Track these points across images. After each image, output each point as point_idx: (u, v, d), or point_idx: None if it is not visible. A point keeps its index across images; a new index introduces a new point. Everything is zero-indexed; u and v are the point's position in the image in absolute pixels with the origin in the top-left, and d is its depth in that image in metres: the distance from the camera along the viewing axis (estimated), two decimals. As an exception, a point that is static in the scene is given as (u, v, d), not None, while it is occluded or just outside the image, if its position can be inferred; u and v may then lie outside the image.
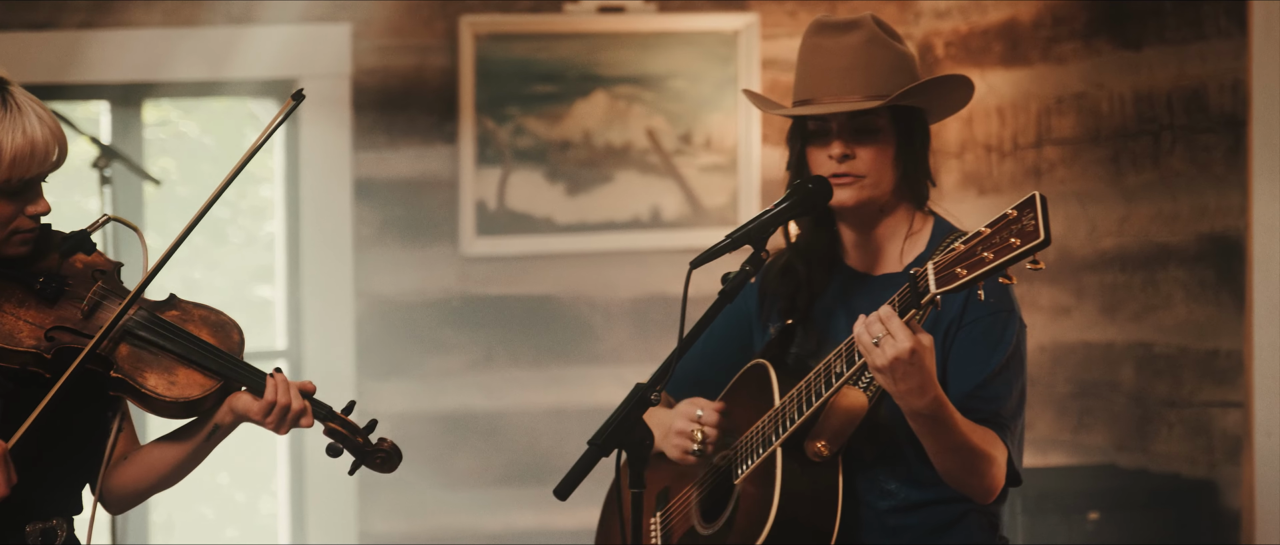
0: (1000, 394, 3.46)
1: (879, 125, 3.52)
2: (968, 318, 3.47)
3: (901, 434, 3.46)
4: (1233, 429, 5.76)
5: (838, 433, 3.47)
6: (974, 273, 3.13)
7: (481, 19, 6.74)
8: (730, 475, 3.60)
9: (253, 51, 6.63)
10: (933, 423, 3.32)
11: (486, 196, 6.81)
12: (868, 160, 3.52)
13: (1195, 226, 5.88)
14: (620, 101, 6.88)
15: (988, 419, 3.43)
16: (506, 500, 6.86)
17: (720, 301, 3.43)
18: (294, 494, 6.81)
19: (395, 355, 6.81)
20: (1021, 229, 3.09)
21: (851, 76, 3.49)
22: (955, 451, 3.37)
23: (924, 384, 3.27)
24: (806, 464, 3.48)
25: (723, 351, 3.75)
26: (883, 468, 3.53)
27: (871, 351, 3.25)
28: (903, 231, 3.59)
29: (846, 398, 3.44)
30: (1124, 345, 6.18)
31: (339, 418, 3.59)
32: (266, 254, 7.11)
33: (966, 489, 3.44)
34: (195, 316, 3.61)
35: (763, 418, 3.52)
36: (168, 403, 3.51)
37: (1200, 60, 5.81)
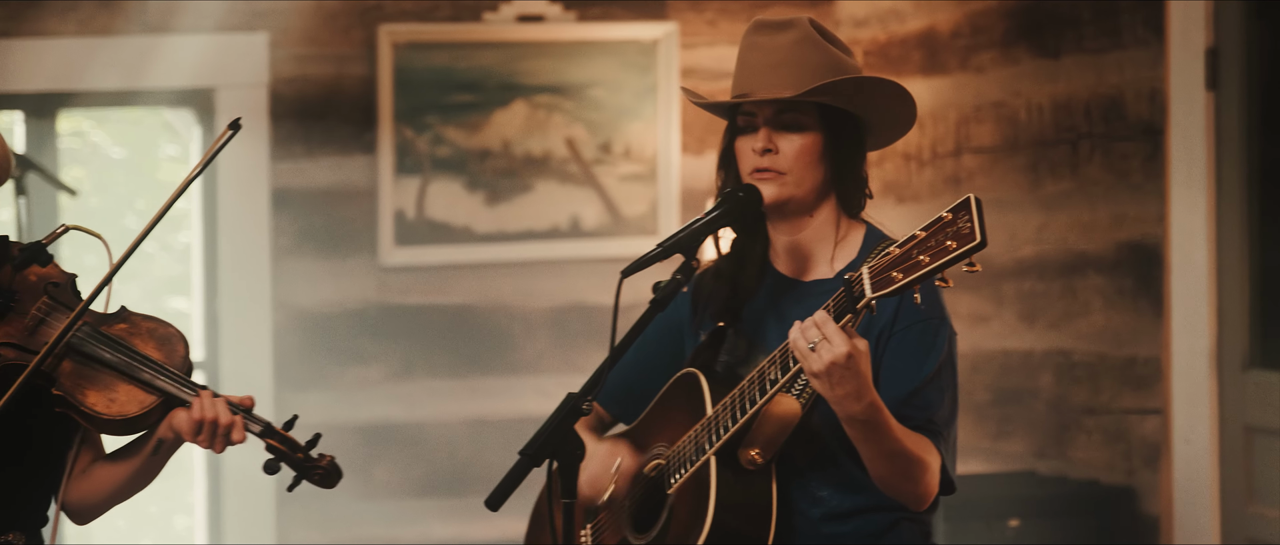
0: (933, 401, 3.46)
1: (805, 121, 3.52)
2: (899, 325, 3.47)
3: (834, 440, 3.45)
4: (1151, 435, 5.80)
5: (771, 440, 3.45)
6: (910, 277, 3.12)
7: (400, 28, 6.71)
8: (662, 485, 3.58)
9: (169, 61, 6.57)
10: (868, 428, 3.31)
11: (405, 206, 6.78)
12: (790, 155, 3.51)
13: (1113, 234, 5.91)
14: (540, 111, 6.86)
15: (921, 426, 3.43)
16: (426, 511, 6.83)
17: (651, 310, 3.42)
18: (211, 506, 6.76)
19: (313, 366, 6.76)
20: (957, 231, 3.08)
21: (780, 72, 3.50)
22: (891, 458, 3.37)
23: (860, 389, 3.26)
24: (740, 472, 3.47)
25: (655, 360, 3.73)
26: (815, 474, 3.52)
27: (807, 357, 3.24)
28: (832, 237, 3.58)
29: (779, 405, 3.43)
30: (1043, 353, 6.20)
31: (278, 434, 3.57)
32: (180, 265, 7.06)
33: (901, 496, 3.44)
34: (143, 329, 3.56)
35: (695, 426, 3.51)
36: (106, 420, 3.48)
37: (1118, 69, 5.84)
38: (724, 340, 3.63)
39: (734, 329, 3.63)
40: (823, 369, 3.22)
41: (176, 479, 7.13)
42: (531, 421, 6.74)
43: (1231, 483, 5.58)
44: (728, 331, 3.63)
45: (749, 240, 3.64)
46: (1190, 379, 5.63)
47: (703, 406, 3.51)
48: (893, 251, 3.14)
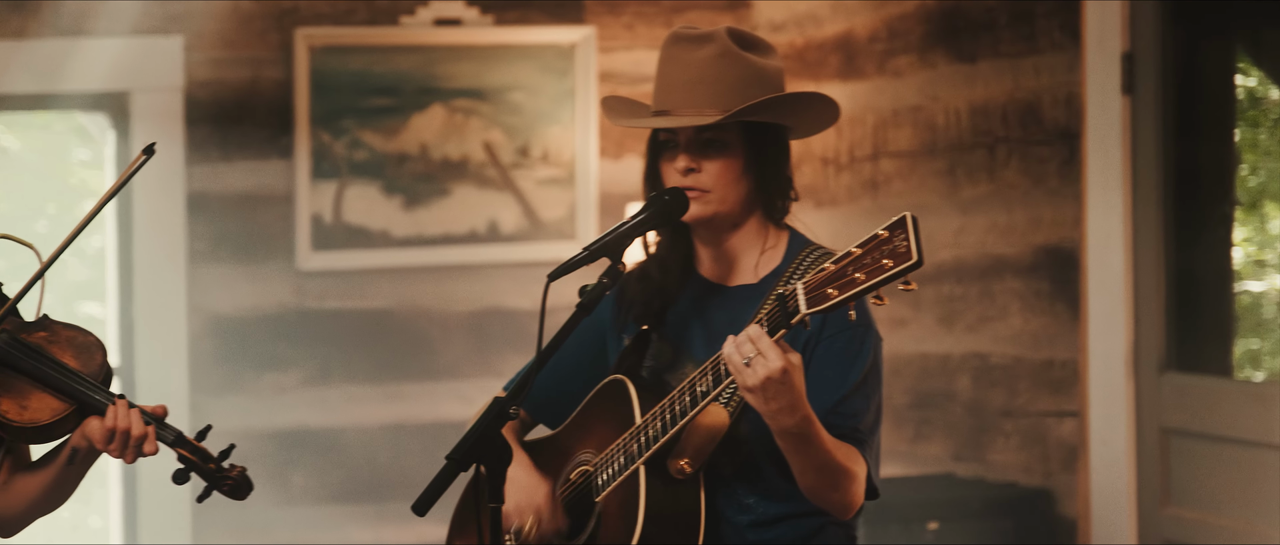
0: (859, 409, 3.46)
1: (726, 140, 3.51)
2: (826, 333, 3.47)
3: (760, 449, 3.45)
4: (1068, 438, 5.83)
5: (700, 450, 3.45)
6: (845, 293, 3.12)
7: (316, 31, 6.67)
8: (590, 492, 3.57)
9: (83, 64, 6.51)
10: (800, 441, 3.32)
11: (322, 210, 6.74)
12: (713, 174, 3.51)
13: (1030, 238, 5.94)
14: (457, 115, 6.84)
15: (846, 434, 3.43)
16: (344, 517, 6.80)
17: (578, 314, 3.41)
18: (126, 510, 6.70)
19: (230, 372, 6.72)
20: (893, 250, 3.08)
21: (698, 90, 3.48)
22: (820, 469, 3.37)
23: (794, 403, 3.26)
24: (669, 481, 3.46)
25: (576, 364, 3.72)
26: (742, 483, 3.52)
27: (742, 372, 3.24)
28: (758, 245, 3.58)
29: (708, 415, 3.43)
30: (960, 356, 6.23)
31: (190, 444, 3.55)
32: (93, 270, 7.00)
33: (828, 505, 3.44)
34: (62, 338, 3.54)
35: (623, 435, 3.50)
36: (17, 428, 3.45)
37: (1034, 73, 5.88)
38: (648, 345, 3.63)
39: (658, 333, 3.62)
40: (758, 384, 3.22)
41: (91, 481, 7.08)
42: (450, 426, 6.77)
43: (1148, 484, 5.62)
44: (652, 335, 3.63)
45: (673, 243, 3.64)
46: (1107, 382, 5.67)
47: (631, 414, 3.50)
48: (828, 267, 3.15)
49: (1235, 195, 5.68)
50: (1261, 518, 5.30)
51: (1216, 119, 5.69)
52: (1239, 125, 5.70)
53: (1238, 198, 5.68)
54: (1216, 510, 5.46)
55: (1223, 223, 5.65)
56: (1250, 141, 5.72)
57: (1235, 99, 5.69)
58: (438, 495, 3.29)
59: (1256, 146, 5.71)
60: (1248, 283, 5.73)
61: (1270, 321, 5.68)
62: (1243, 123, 5.71)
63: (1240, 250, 5.71)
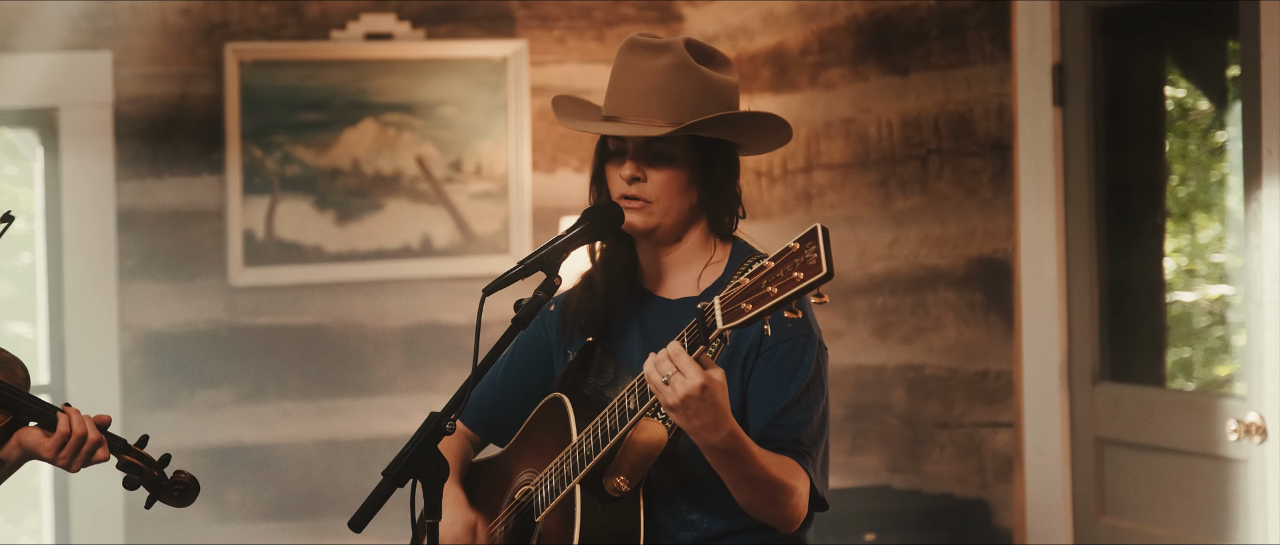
0: (800, 421, 3.44)
1: (674, 152, 3.49)
2: (766, 345, 3.45)
3: (701, 464, 3.43)
4: (1003, 449, 5.85)
5: (637, 467, 3.43)
6: (759, 308, 3.11)
7: (246, 46, 6.64)
8: (532, 512, 3.56)
9: (11, 80, 6.46)
10: (729, 456, 3.30)
11: (254, 226, 6.71)
12: (658, 185, 3.49)
13: (963, 249, 5.96)
14: (390, 129, 6.82)
15: (788, 447, 3.42)
16: (278, 533, 6.76)
17: (514, 328, 3.40)
18: (59, 529, 6.65)
19: (162, 388, 6.68)
20: (804, 262, 3.07)
21: (650, 100, 3.46)
22: (753, 483, 3.35)
23: (717, 419, 3.24)
24: (607, 500, 3.44)
25: (522, 381, 3.70)
26: (684, 499, 3.50)
27: (661, 390, 3.22)
28: (702, 258, 3.56)
29: (645, 431, 3.41)
30: (895, 367, 6.24)
31: (134, 450, 3.55)
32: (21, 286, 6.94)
33: (768, 519, 3.42)
34: None
35: (561, 453, 3.49)
36: None
37: (965, 85, 5.89)
38: (592, 360, 3.61)
39: (602, 347, 3.60)
40: (678, 402, 3.21)
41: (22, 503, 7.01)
42: (385, 442, 6.74)
43: (1083, 494, 5.64)
44: (596, 349, 3.61)
45: (617, 253, 3.62)
46: (1041, 392, 5.68)
47: (568, 432, 3.49)
48: (743, 282, 3.13)
49: (1166, 206, 5.71)
50: (1196, 526, 5.32)
51: (1146, 130, 5.72)
52: (1169, 136, 5.73)
53: (1169, 208, 5.71)
54: (1151, 519, 5.48)
55: (1154, 233, 5.68)
56: (1180, 152, 5.75)
57: (1165, 110, 5.72)
58: (374, 511, 3.27)
59: (1186, 157, 5.74)
60: (1179, 293, 5.76)
61: (1202, 331, 5.72)
62: (1172, 133, 5.74)
63: (1171, 261, 5.74)
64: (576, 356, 3.61)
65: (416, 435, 3.29)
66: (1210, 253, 5.72)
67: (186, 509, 6.54)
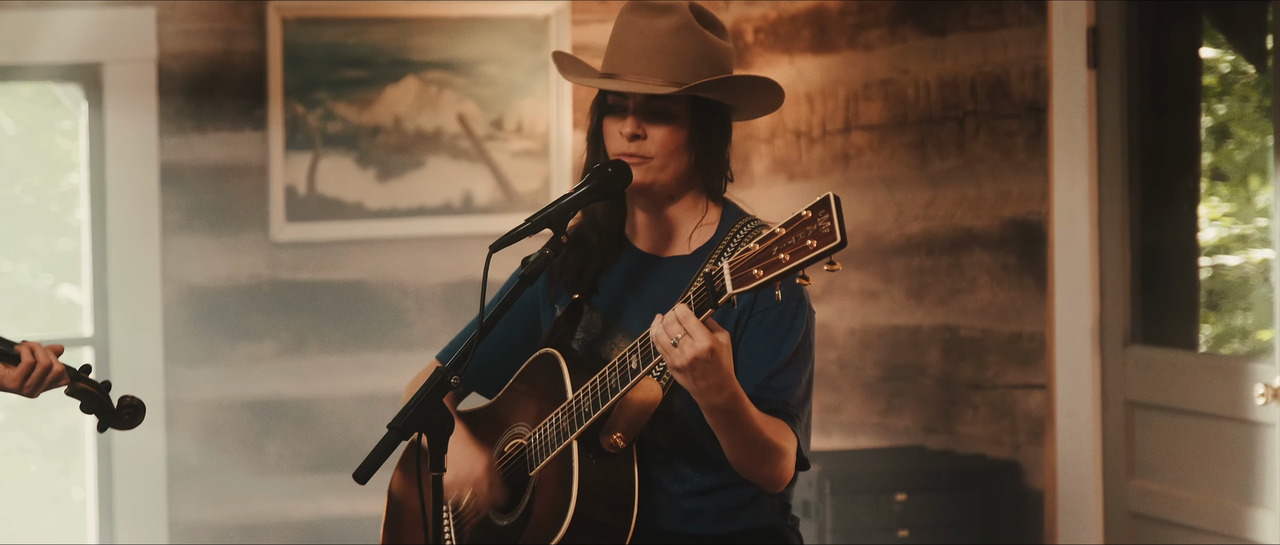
0: (789, 384, 3.49)
1: (674, 111, 3.53)
2: (758, 308, 3.49)
3: (694, 422, 3.47)
4: (1035, 410, 5.85)
5: (633, 424, 3.48)
6: (770, 274, 3.15)
7: (289, 3, 6.69)
8: (524, 466, 3.60)
9: (55, 35, 6.52)
10: (729, 417, 3.34)
11: (296, 182, 6.76)
12: (658, 142, 3.53)
13: (998, 211, 5.96)
14: (431, 87, 6.85)
15: (777, 409, 3.46)
16: (318, 487, 6.82)
17: (520, 285, 3.44)
18: (102, 483, 6.73)
19: (205, 343, 6.74)
20: (817, 230, 3.10)
21: (654, 59, 3.51)
22: (749, 445, 3.40)
23: (722, 381, 3.28)
24: (602, 456, 3.49)
25: (509, 333, 3.74)
26: (678, 455, 3.55)
27: (670, 352, 3.26)
28: (693, 219, 3.60)
29: (640, 390, 3.45)
30: (930, 328, 6.25)
31: (86, 378, 3.80)
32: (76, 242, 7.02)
33: (757, 479, 3.47)
34: None
35: (556, 410, 3.53)
36: None
37: (1002, 47, 5.89)
38: (580, 315, 3.65)
39: (589, 303, 3.65)
40: (686, 364, 3.25)
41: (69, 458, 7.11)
42: (422, 397, 6.77)
43: (1113, 457, 5.64)
44: (583, 305, 3.65)
45: (607, 211, 3.66)
46: (1073, 354, 5.69)
47: (563, 389, 3.53)
48: (753, 247, 3.17)
49: (1200, 169, 5.69)
50: (1224, 489, 5.32)
51: (1182, 94, 5.70)
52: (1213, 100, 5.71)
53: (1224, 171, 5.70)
54: (1181, 482, 5.48)
55: (1187, 197, 5.67)
56: (1237, 113, 5.73)
57: (1201, 73, 5.70)
58: (379, 464, 3.32)
59: (1243, 119, 5.72)
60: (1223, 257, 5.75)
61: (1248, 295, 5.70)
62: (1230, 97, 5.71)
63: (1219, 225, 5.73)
64: (564, 311, 3.65)
65: (422, 389, 3.34)
66: (1258, 218, 5.70)
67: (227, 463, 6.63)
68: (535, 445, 3.57)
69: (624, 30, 3.56)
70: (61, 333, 6.84)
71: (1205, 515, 5.39)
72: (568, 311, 3.65)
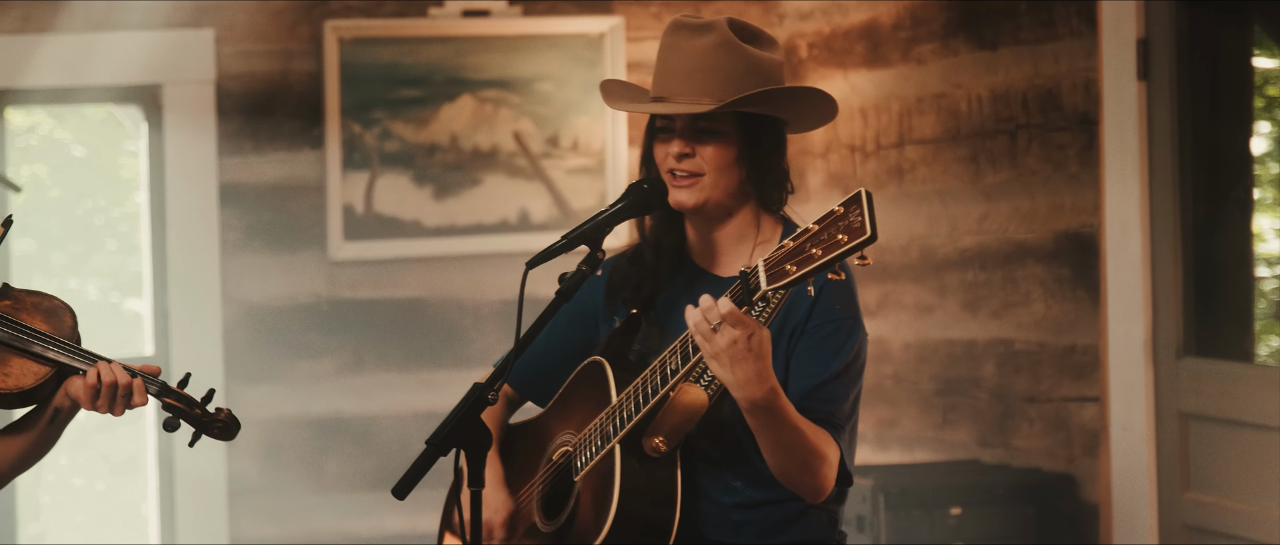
0: (837, 396, 3.50)
1: (721, 129, 3.55)
2: (813, 322, 3.51)
3: (746, 432, 3.48)
4: (1090, 423, 5.84)
5: (676, 429, 3.49)
6: (803, 269, 3.16)
7: (346, 23, 6.74)
8: (570, 472, 3.63)
9: (115, 57, 6.59)
10: (768, 415, 3.35)
11: (354, 200, 6.81)
12: (706, 160, 3.55)
13: (1051, 224, 5.95)
14: (487, 105, 6.89)
15: (823, 419, 3.47)
16: (377, 504, 6.86)
17: (557, 301, 3.47)
18: (164, 499, 6.79)
19: (264, 360, 6.79)
20: (848, 225, 3.12)
21: (696, 78, 3.52)
22: (789, 448, 3.40)
23: (761, 372, 3.29)
24: (645, 460, 3.51)
25: (565, 343, 3.78)
26: (728, 467, 3.56)
27: (709, 337, 3.27)
28: (752, 235, 3.62)
29: (686, 394, 3.47)
30: (985, 342, 6.24)
31: (174, 392, 3.68)
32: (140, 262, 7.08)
33: (797, 487, 3.48)
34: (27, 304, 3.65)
35: (600, 414, 3.55)
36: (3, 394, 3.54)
37: (1053, 60, 5.88)
38: (638, 328, 3.68)
39: (647, 318, 3.67)
40: (722, 348, 3.26)
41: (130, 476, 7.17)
42: (479, 414, 6.80)
43: (1168, 469, 5.62)
44: (641, 320, 3.67)
45: (666, 230, 3.68)
46: (1126, 367, 5.67)
47: (608, 394, 3.55)
48: (787, 244, 3.19)
49: (1253, 178, 5.67)
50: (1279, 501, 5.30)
51: (1234, 103, 5.68)
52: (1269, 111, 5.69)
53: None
54: (1235, 494, 5.46)
55: (1240, 207, 5.65)
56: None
57: (1253, 83, 5.68)
58: (417, 479, 3.36)
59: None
60: None
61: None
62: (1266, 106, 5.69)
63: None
64: (621, 324, 3.67)
65: (460, 405, 3.37)
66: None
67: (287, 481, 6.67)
68: (580, 452, 3.60)
69: (667, 52, 3.59)
70: (128, 350, 6.90)
71: (1260, 527, 5.36)
72: (625, 325, 3.67)
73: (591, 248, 3.50)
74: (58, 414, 3.59)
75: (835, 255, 3.12)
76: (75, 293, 7.13)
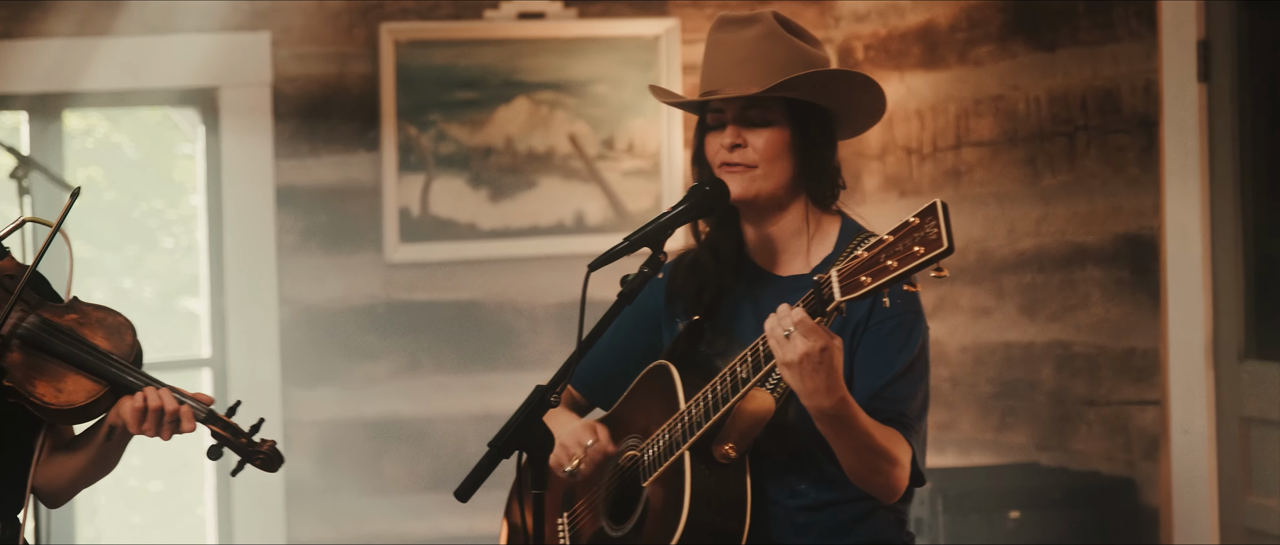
0: (905, 395, 3.48)
1: (772, 117, 3.54)
2: (874, 319, 3.49)
3: (810, 436, 3.47)
4: (1150, 427, 5.80)
5: (745, 435, 3.48)
6: (878, 281, 3.15)
7: (402, 26, 6.74)
8: (637, 477, 3.61)
9: (172, 60, 6.61)
10: (839, 423, 3.34)
11: (410, 203, 6.81)
12: (758, 149, 3.54)
13: (1110, 226, 5.92)
14: (542, 107, 6.89)
15: (892, 419, 3.45)
16: (433, 506, 6.86)
17: (619, 303, 3.46)
18: (221, 501, 6.80)
19: (320, 363, 6.80)
20: (924, 236, 3.10)
21: (743, 69, 3.52)
22: (860, 452, 3.39)
23: (832, 383, 3.28)
24: (714, 466, 3.50)
25: (629, 345, 3.77)
26: (794, 470, 3.55)
27: (782, 346, 3.25)
28: (806, 231, 3.60)
29: (754, 400, 3.46)
30: (1043, 345, 6.21)
31: (221, 419, 3.65)
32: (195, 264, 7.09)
33: (871, 488, 3.46)
34: (92, 319, 3.65)
35: (668, 420, 3.54)
36: (55, 410, 3.56)
37: (1112, 61, 5.85)
38: (702, 332, 3.66)
39: (711, 324, 3.65)
40: (796, 360, 3.24)
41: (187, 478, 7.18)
42: (535, 416, 6.80)
43: (1229, 473, 5.58)
44: (703, 324, 3.66)
45: (723, 234, 3.67)
46: (1187, 370, 5.63)
47: (675, 400, 3.54)
48: (862, 255, 3.17)
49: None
50: (1341, 507, 5.26)
51: (1295, 105, 5.64)
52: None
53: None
54: (1297, 499, 5.42)
55: (1302, 209, 5.61)
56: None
57: (1315, 84, 5.63)
58: (479, 482, 3.35)
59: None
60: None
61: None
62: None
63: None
64: (685, 328, 3.66)
65: (522, 407, 3.36)
66: None
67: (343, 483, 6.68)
68: (648, 456, 3.58)
69: (713, 48, 3.59)
70: (184, 353, 6.91)
71: (1322, 532, 5.33)
72: (688, 328, 3.66)
73: (653, 250, 3.49)
74: (113, 431, 3.60)
75: (912, 267, 3.11)
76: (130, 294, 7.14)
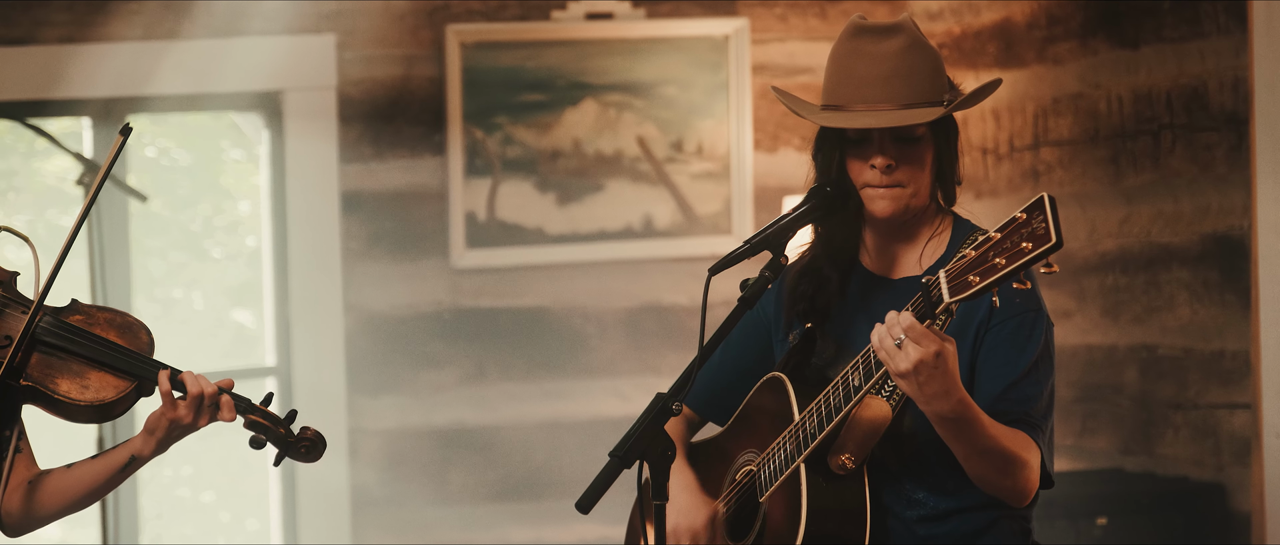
0: (1031, 394, 3.41)
1: (919, 133, 3.46)
2: (996, 318, 3.42)
3: (926, 442, 3.40)
4: (1241, 430, 5.71)
5: (862, 444, 3.41)
6: (986, 280, 3.09)
7: (468, 28, 6.66)
8: (755, 492, 3.54)
9: (236, 64, 6.55)
10: (959, 426, 3.26)
11: (476, 207, 6.73)
12: (911, 169, 3.47)
13: (1197, 226, 5.83)
14: (610, 109, 6.81)
15: (1018, 420, 3.38)
16: (501, 515, 6.79)
17: (739, 308, 3.39)
18: (286, 511, 6.73)
19: (386, 370, 6.73)
20: (1032, 232, 3.04)
21: (892, 84, 3.42)
22: (984, 455, 3.31)
23: (949, 387, 3.21)
24: (832, 478, 3.43)
25: (740, 359, 3.70)
26: (910, 477, 3.47)
27: (894, 355, 3.19)
28: (926, 232, 3.54)
29: (869, 408, 3.38)
30: (1127, 348, 6.13)
31: (259, 409, 3.59)
32: (247, 270, 7.03)
33: (999, 492, 3.39)
34: (100, 320, 3.63)
35: (783, 433, 3.46)
36: (82, 407, 3.52)
37: (1200, 58, 5.75)
38: (815, 342, 3.59)
39: (822, 332, 3.58)
40: (909, 368, 3.18)
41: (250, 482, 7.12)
42: (607, 424, 6.74)
43: (1323, 478, 5.49)
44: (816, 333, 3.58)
45: (839, 237, 3.58)
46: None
47: (790, 412, 3.48)
48: (969, 254, 3.12)
49: None
50: None
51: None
52: None
53: None
54: (1395, 504, 5.33)
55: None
56: None
57: None
58: (601, 492, 3.28)
59: None
60: None
61: None
62: None
63: None
64: (798, 340, 3.58)
65: (643, 416, 3.30)
66: None
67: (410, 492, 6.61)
68: (764, 471, 3.51)
69: (850, 57, 3.46)
70: (239, 361, 6.86)
71: None
72: (802, 339, 3.58)
73: (774, 253, 3.41)
74: (133, 461, 3.56)
75: (1019, 264, 3.05)
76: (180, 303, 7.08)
